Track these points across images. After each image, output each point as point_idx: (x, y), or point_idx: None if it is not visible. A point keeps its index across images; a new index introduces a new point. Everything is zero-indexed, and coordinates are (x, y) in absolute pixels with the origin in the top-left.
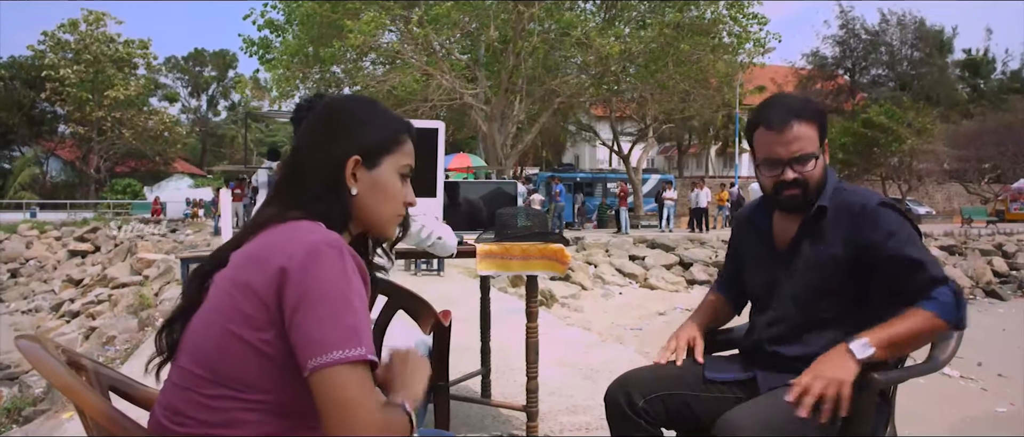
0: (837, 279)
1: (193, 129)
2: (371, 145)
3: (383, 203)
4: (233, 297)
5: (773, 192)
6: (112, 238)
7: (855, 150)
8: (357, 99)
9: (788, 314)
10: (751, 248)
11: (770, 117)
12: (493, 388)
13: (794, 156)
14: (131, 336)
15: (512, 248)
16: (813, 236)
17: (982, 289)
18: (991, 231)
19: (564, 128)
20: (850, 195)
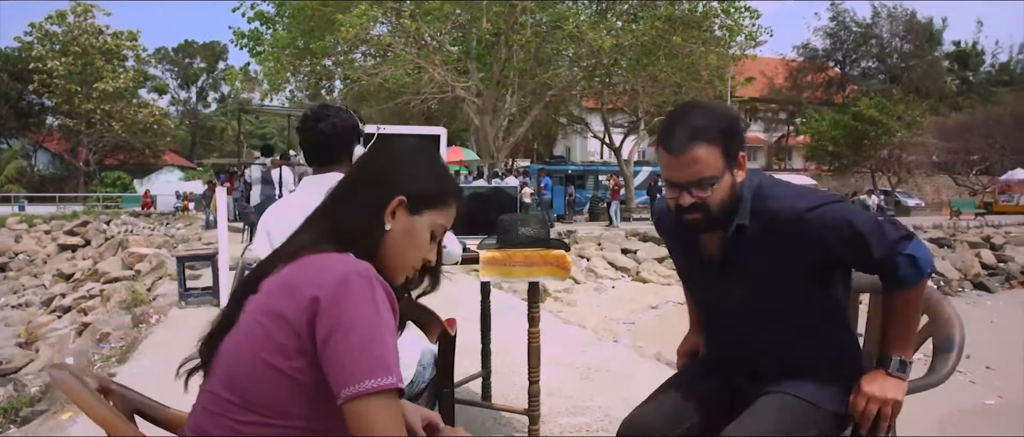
0: (786, 286)
1: (183, 121)
2: (420, 192)
3: (408, 250)
4: (265, 326)
5: (675, 214)
6: (102, 232)
7: (845, 143)
8: (423, 147)
9: (741, 319)
10: (683, 247)
11: (668, 139)
12: (493, 389)
13: (692, 180)
14: (126, 333)
15: (515, 255)
16: (741, 252)
17: (970, 281)
18: (979, 223)
19: (555, 120)
20: (774, 203)
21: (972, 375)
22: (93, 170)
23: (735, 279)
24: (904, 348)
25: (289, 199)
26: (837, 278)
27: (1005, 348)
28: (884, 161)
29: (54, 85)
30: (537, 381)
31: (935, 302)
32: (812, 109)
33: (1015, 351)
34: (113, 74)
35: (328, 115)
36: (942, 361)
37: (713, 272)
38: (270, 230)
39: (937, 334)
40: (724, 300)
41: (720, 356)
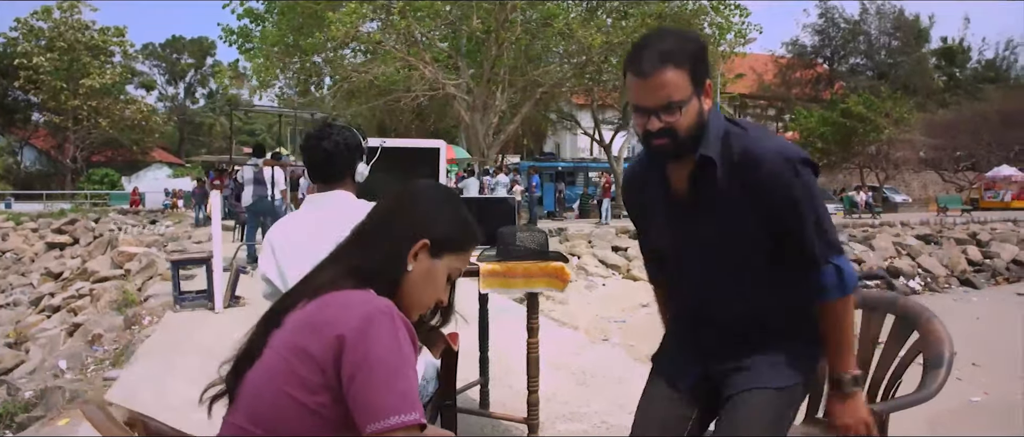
0: (745, 224)
1: (170, 117)
2: (444, 237)
3: (425, 291)
4: (289, 361)
5: (643, 141)
6: (91, 230)
7: (834, 139)
8: (448, 193)
9: (709, 267)
10: (650, 201)
11: (637, 62)
12: (491, 395)
13: (661, 104)
14: (118, 335)
15: (515, 267)
16: (708, 185)
17: (957, 277)
18: (966, 219)
19: (545, 117)
20: (743, 140)
21: (959, 372)
22: (80, 167)
23: (703, 217)
24: (846, 361)
25: (293, 217)
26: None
27: (991, 345)
28: (872, 157)
29: (40, 81)
30: (536, 390)
31: (925, 320)
32: (801, 106)
33: (1001, 348)
34: (100, 70)
35: (331, 133)
36: (932, 377)
37: (681, 212)
38: (275, 248)
39: (927, 351)
40: (692, 242)
41: (688, 316)
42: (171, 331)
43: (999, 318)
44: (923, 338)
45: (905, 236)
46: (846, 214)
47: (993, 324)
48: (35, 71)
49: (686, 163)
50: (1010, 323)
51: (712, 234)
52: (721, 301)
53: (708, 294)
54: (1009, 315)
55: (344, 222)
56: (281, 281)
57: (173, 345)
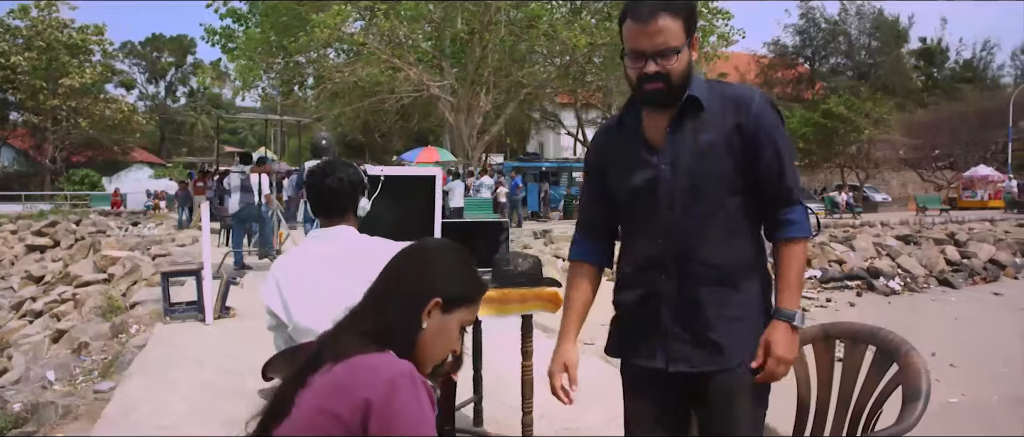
0: (723, 166)
1: (151, 117)
2: (454, 294)
3: (439, 346)
4: (317, 423)
5: (636, 85)
6: (72, 232)
7: (815, 140)
8: (456, 249)
9: (680, 211)
10: (622, 152)
11: (637, 8)
12: (484, 412)
13: (658, 49)
14: (106, 344)
15: (510, 294)
16: (692, 125)
17: (936, 278)
18: (944, 219)
19: (529, 116)
20: (727, 88)
21: (937, 373)
22: (60, 168)
23: (681, 162)
24: (796, 299)
25: (298, 252)
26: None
27: (968, 345)
28: (853, 157)
29: (18, 81)
30: (531, 411)
31: (904, 353)
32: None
33: (978, 348)
34: (79, 69)
35: (335, 170)
36: (910, 411)
37: (657, 159)
38: (279, 282)
39: (906, 384)
40: (665, 188)
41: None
42: (162, 344)
43: (976, 318)
44: (902, 370)
45: (885, 236)
46: (827, 214)
47: (971, 324)
48: (13, 70)
49: (666, 112)
50: (987, 323)
51: (688, 178)
52: (688, 247)
53: (676, 241)
54: (986, 315)
55: (347, 256)
56: (285, 314)
57: (166, 359)
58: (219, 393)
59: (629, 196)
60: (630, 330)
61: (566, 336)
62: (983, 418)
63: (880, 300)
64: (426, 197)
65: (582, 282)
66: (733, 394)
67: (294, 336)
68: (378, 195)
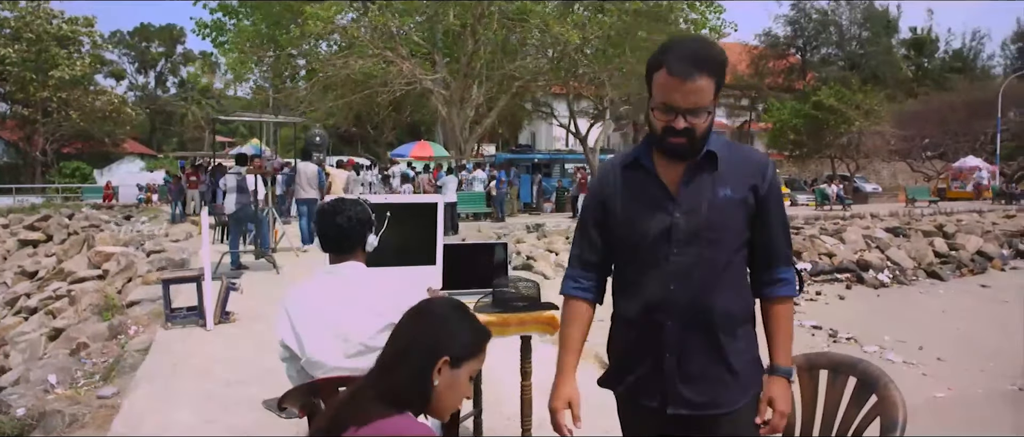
0: (736, 219)
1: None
2: (460, 350)
3: (451, 398)
4: None
5: (661, 135)
6: (65, 227)
7: (806, 131)
8: (456, 306)
9: (693, 259)
10: (637, 193)
11: (675, 64)
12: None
13: (690, 108)
14: (105, 346)
15: (510, 318)
16: (710, 178)
17: (924, 270)
18: (933, 211)
19: (521, 106)
20: (743, 149)
21: (924, 368)
22: (51, 160)
23: (693, 209)
24: (790, 356)
25: (309, 287)
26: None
27: (956, 339)
28: (844, 148)
29: (7, 72)
30: (529, 429)
31: (883, 385)
32: (773, 96)
33: (965, 342)
34: (69, 61)
35: (344, 209)
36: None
37: (671, 204)
38: (292, 315)
39: (884, 415)
40: (676, 234)
41: (649, 312)
42: (165, 352)
43: (964, 311)
44: (880, 402)
45: (875, 228)
46: (818, 206)
47: (958, 317)
48: (2, 62)
49: (683, 161)
50: (974, 316)
51: (705, 229)
52: (699, 294)
53: (687, 287)
54: (973, 308)
55: (356, 292)
56: (298, 347)
57: (170, 368)
58: (224, 405)
59: (640, 238)
60: (630, 369)
61: (566, 373)
62: (968, 413)
63: (869, 293)
64: (429, 222)
65: (579, 320)
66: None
67: (307, 368)
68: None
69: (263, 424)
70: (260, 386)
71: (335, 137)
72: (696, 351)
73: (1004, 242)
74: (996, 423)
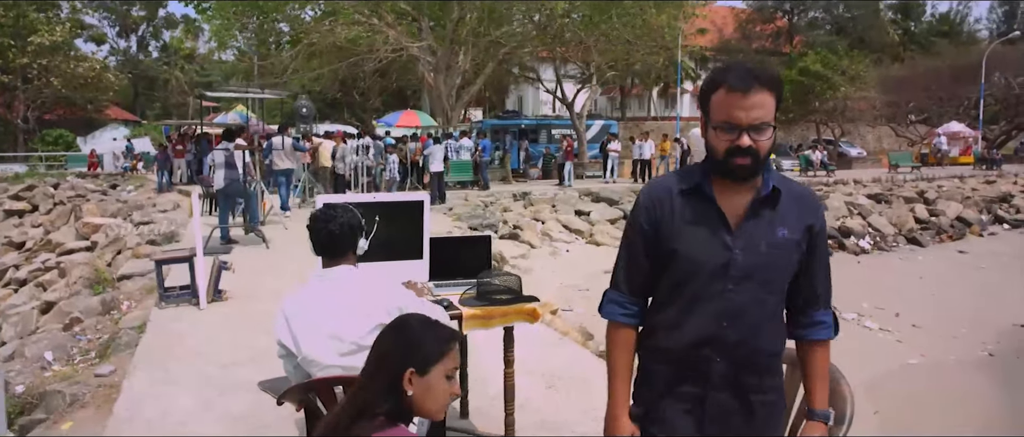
0: (791, 261)
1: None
2: (423, 359)
3: (431, 401)
4: None
5: (724, 157)
6: (50, 196)
7: (792, 97)
8: (418, 320)
9: (747, 297)
10: (696, 222)
11: (734, 79)
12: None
13: (753, 123)
14: (98, 321)
15: (493, 311)
16: (769, 216)
17: (904, 236)
18: (915, 176)
19: (508, 71)
20: (795, 186)
21: (899, 334)
22: (33, 127)
23: (752, 243)
24: (826, 400)
25: (308, 292)
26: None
27: (932, 305)
28: (829, 113)
29: None
30: (512, 412)
31: (835, 380)
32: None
33: (940, 308)
34: (48, 26)
35: (336, 216)
36: (835, 432)
37: (725, 235)
38: (289, 317)
39: (834, 408)
40: (732, 269)
41: (695, 346)
42: (161, 332)
43: (940, 278)
44: (832, 395)
45: (857, 195)
46: (802, 172)
47: (935, 284)
48: None
49: (740, 189)
50: (950, 282)
51: (762, 268)
52: (749, 332)
53: (740, 325)
54: (950, 274)
55: (348, 295)
56: (295, 347)
57: (166, 349)
58: (221, 388)
59: (696, 269)
60: (666, 402)
61: (621, 403)
62: (938, 379)
63: (850, 260)
64: (416, 219)
65: (628, 347)
66: None
67: (303, 365)
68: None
69: (260, 407)
70: (256, 368)
71: (321, 103)
72: (741, 387)
73: (983, 208)
74: (965, 389)
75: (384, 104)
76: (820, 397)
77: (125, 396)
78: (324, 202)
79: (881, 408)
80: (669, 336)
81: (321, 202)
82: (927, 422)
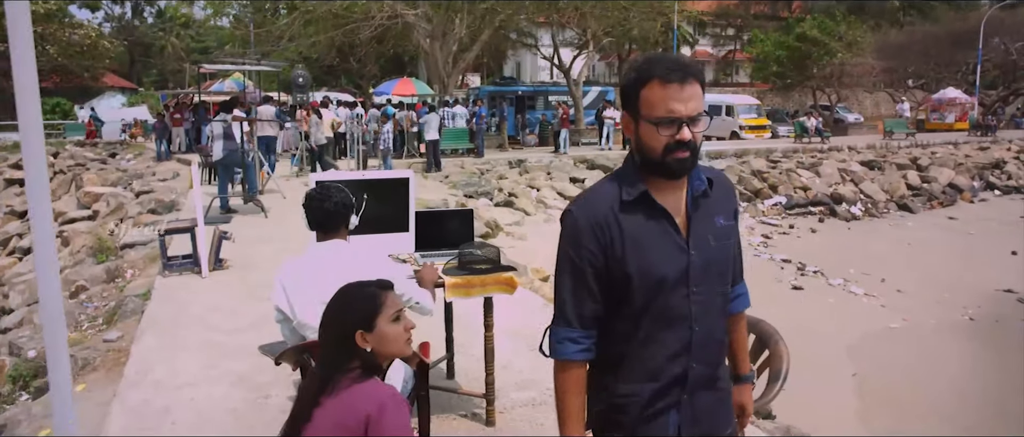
0: (733, 249)
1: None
2: (362, 318)
3: (389, 346)
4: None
5: (662, 154)
6: (50, 165)
7: (789, 62)
8: (349, 288)
9: (705, 296)
10: (648, 234)
11: (668, 71)
12: (456, 365)
13: (692, 115)
14: (103, 289)
15: (473, 280)
16: (705, 208)
17: (896, 202)
18: (910, 143)
19: (505, 37)
20: (709, 169)
21: (883, 299)
22: None
23: (702, 241)
24: (747, 364)
25: (304, 262)
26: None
27: (918, 271)
28: (826, 79)
29: None
30: (492, 373)
31: (774, 342)
32: (758, 28)
33: (926, 273)
34: None
35: (330, 195)
36: (772, 388)
37: (677, 239)
38: (286, 286)
39: (772, 366)
40: (691, 273)
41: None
42: (166, 300)
43: (928, 243)
44: (771, 356)
45: (850, 162)
46: (797, 139)
47: (921, 249)
48: None
49: (676, 187)
50: (937, 248)
51: (714, 263)
52: (713, 330)
53: (705, 326)
54: (938, 240)
55: (340, 265)
56: (291, 312)
57: (172, 317)
58: (225, 352)
59: (658, 284)
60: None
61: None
62: (917, 342)
63: (841, 226)
64: (402, 194)
65: (581, 387)
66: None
67: (298, 330)
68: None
69: (259, 368)
70: (256, 332)
71: (318, 71)
72: (711, 384)
73: (975, 174)
74: (942, 350)
75: (381, 70)
76: (746, 362)
77: (134, 359)
78: (317, 181)
79: (859, 370)
80: (643, 358)
81: (314, 181)
82: (902, 384)
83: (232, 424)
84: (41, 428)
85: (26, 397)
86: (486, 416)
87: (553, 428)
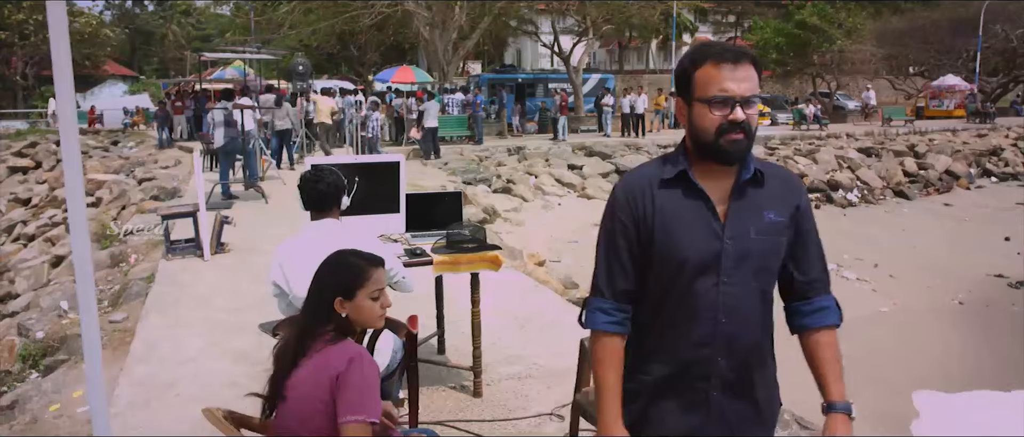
0: (781, 247)
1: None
2: (343, 286)
3: (362, 319)
4: (313, 388)
5: (716, 135)
6: (53, 153)
7: (789, 49)
8: (344, 255)
9: (739, 289)
10: (685, 214)
11: (724, 50)
12: (446, 341)
13: (746, 95)
14: (108, 274)
15: (460, 258)
16: (754, 200)
17: (892, 189)
18: (908, 130)
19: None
20: (773, 165)
21: (875, 284)
22: (32, 84)
23: (741, 231)
24: (843, 390)
25: (299, 240)
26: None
27: (910, 257)
28: (826, 66)
29: None
30: (479, 347)
31: None
32: (758, 14)
33: (919, 259)
34: None
35: (324, 177)
36: None
37: (713, 223)
38: (282, 263)
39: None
40: (723, 261)
41: (694, 349)
42: (170, 282)
43: (922, 229)
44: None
45: (848, 149)
46: (795, 126)
47: (915, 235)
48: None
49: (725, 173)
50: (931, 234)
51: (753, 257)
52: (746, 326)
53: (737, 319)
54: (932, 226)
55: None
56: (287, 287)
57: (175, 298)
58: (227, 330)
59: (684, 265)
60: (664, 405)
61: (614, 417)
62: (904, 325)
63: (837, 212)
64: (392, 177)
65: (617, 359)
66: None
67: (294, 303)
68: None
69: (260, 345)
70: (256, 312)
71: (318, 58)
72: (743, 384)
73: (973, 161)
74: (929, 334)
75: (382, 58)
76: (837, 388)
77: (140, 338)
78: (311, 164)
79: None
80: (664, 340)
81: (309, 164)
82: (889, 367)
83: (233, 396)
84: (51, 403)
85: (36, 375)
86: (474, 388)
87: (538, 400)
